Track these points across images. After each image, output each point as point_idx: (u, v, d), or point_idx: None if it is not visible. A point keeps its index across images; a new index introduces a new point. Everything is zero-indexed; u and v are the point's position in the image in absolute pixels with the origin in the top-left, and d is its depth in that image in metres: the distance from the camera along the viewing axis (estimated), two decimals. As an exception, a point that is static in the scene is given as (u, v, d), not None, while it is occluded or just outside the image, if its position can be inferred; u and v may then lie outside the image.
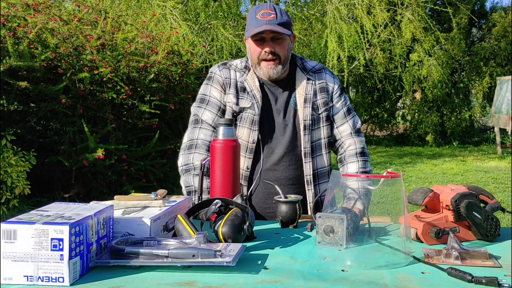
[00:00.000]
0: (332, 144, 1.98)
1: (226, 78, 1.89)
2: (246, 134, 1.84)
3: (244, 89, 1.87)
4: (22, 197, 4.65)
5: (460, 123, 13.64)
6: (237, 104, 1.85)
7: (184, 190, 1.82)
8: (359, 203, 1.57)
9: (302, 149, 1.87)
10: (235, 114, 1.85)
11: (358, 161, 1.92)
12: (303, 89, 1.89)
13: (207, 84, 1.92)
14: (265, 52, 1.81)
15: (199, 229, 1.30)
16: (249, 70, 1.91)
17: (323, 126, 1.91)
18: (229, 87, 1.88)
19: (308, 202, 1.86)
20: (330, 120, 1.94)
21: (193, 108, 1.92)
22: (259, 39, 1.81)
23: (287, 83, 1.92)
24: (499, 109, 10.90)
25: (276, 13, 1.79)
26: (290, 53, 1.89)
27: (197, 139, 1.85)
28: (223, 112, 1.88)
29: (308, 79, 1.91)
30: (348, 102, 1.99)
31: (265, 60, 1.82)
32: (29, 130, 4.99)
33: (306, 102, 1.88)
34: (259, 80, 1.89)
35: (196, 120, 1.89)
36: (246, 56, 1.96)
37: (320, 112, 1.90)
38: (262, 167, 1.85)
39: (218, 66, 1.94)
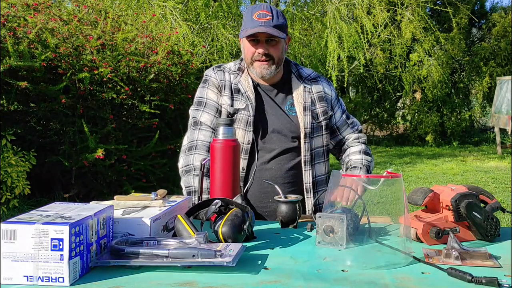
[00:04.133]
0: (339, 149, 2.04)
1: (221, 80, 1.91)
2: (241, 135, 1.84)
3: (238, 91, 1.89)
4: (22, 197, 4.65)
5: (460, 123, 13.64)
6: (231, 105, 1.87)
7: (184, 191, 1.83)
8: (362, 171, 1.68)
9: (302, 157, 1.88)
10: (229, 116, 1.86)
11: (360, 143, 1.99)
12: (301, 97, 1.90)
13: (204, 87, 1.94)
14: (259, 53, 1.82)
15: (199, 229, 1.30)
16: (242, 72, 1.93)
17: (322, 135, 1.93)
18: (224, 89, 1.89)
19: (307, 210, 1.86)
20: (329, 129, 1.97)
21: (191, 111, 1.94)
22: (254, 39, 1.82)
23: (282, 87, 1.93)
24: (499, 109, 10.90)
25: (273, 14, 1.79)
26: (284, 55, 1.91)
27: (197, 141, 1.86)
28: (220, 113, 1.89)
29: (305, 87, 1.93)
30: (344, 106, 2.04)
31: (259, 60, 1.84)
32: (29, 130, 4.98)
33: (306, 110, 1.89)
34: (253, 82, 1.91)
35: (195, 123, 1.90)
36: (240, 58, 1.98)
37: (319, 120, 1.92)
38: (257, 167, 1.85)
39: (213, 69, 1.96)
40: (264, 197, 1.84)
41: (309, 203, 1.87)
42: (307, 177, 1.88)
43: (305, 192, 1.88)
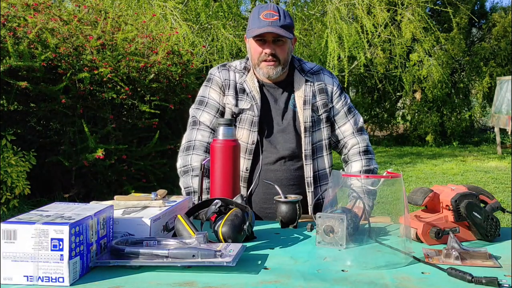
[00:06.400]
0: (336, 145, 1.98)
1: (225, 79, 1.89)
2: (246, 136, 1.83)
3: (243, 91, 1.87)
4: (22, 197, 4.65)
5: (460, 123, 13.65)
6: (236, 105, 1.85)
7: (183, 192, 1.83)
8: (360, 203, 1.57)
9: (303, 151, 1.86)
10: (234, 116, 1.85)
11: (361, 159, 1.92)
12: (302, 91, 1.89)
13: (206, 86, 1.93)
14: (265, 53, 1.80)
15: (199, 229, 1.30)
16: (248, 71, 1.90)
17: (323, 128, 1.91)
18: (228, 89, 1.88)
19: (308, 204, 1.86)
20: (331, 121, 1.94)
21: (192, 110, 1.93)
22: (261, 39, 1.80)
23: (286, 85, 1.91)
24: (499, 109, 10.90)
25: (280, 15, 1.78)
26: (290, 56, 1.89)
27: (194, 140, 1.86)
28: (221, 114, 1.88)
29: (307, 80, 1.91)
30: (349, 101, 1.98)
31: (265, 60, 1.82)
32: (29, 130, 4.98)
33: (306, 104, 1.87)
34: (258, 82, 1.89)
35: (194, 122, 1.90)
36: (246, 57, 1.96)
37: (320, 113, 1.89)
38: (262, 168, 1.84)
39: (218, 67, 1.94)
40: (269, 198, 1.82)
41: (310, 197, 1.87)
42: (308, 172, 1.87)
43: (306, 187, 1.87)
